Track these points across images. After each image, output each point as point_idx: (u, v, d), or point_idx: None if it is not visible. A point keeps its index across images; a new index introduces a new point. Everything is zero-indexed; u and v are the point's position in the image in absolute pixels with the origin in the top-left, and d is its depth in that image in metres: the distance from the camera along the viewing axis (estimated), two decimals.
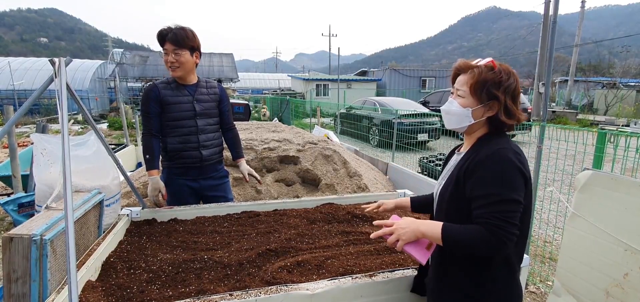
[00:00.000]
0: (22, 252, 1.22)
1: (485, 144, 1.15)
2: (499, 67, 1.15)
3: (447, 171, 1.29)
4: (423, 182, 3.49)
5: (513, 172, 1.06)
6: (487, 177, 1.07)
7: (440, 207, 1.24)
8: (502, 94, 1.12)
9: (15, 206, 2.98)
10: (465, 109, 1.17)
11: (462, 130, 1.23)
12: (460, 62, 1.22)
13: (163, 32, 2.08)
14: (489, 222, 1.04)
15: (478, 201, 1.09)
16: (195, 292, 1.34)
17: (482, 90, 1.14)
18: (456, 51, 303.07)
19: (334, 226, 2.00)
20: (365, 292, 1.33)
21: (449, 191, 1.19)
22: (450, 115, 1.22)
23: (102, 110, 20.84)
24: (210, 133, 2.30)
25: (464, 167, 1.15)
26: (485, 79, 1.13)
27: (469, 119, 1.17)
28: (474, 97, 1.16)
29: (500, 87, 1.13)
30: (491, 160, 1.08)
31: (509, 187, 1.05)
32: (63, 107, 1.30)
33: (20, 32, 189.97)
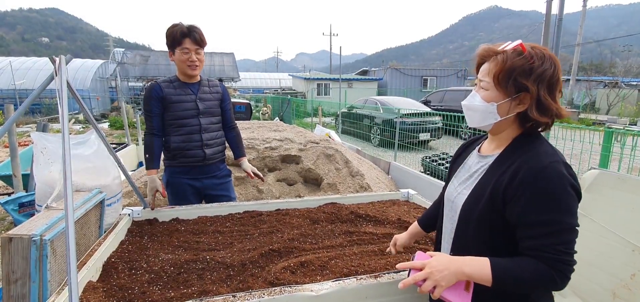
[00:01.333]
0: (21, 252, 1.20)
1: (525, 150, 0.96)
2: (530, 50, 0.94)
3: (469, 177, 1.10)
4: (426, 182, 3.47)
5: (570, 192, 0.89)
6: (542, 200, 0.89)
7: (465, 224, 1.05)
8: (533, 84, 0.92)
9: (16, 205, 2.96)
10: (490, 104, 0.99)
11: (487, 128, 1.05)
12: (483, 48, 1.03)
13: (184, 30, 2.06)
14: (552, 257, 0.88)
15: (533, 230, 0.90)
16: (197, 293, 1.32)
17: (508, 81, 0.94)
18: (457, 50, 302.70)
19: (337, 225, 1.98)
20: (370, 293, 1.31)
21: (480, 208, 0.99)
22: (472, 111, 1.04)
23: (104, 110, 20.85)
24: (213, 132, 2.29)
25: (503, 182, 0.95)
26: (513, 67, 0.93)
27: (494, 116, 0.99)
28: (500, 89, 0.97)
29: (531, 75, 0.92)
30: (543, 177, 0.89)
31: (569, 211, 0.88)
32: (63, 106, 1.28)
33: (21, 32, 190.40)
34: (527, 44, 0.97)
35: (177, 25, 2.09)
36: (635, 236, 1.64)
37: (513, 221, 0.94)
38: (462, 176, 1.14)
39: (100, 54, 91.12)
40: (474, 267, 0.93)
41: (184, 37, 2.06)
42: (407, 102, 10.61)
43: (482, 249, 1.00)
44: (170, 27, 2.09)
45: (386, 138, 8.54)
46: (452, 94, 12.70)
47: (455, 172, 1.19)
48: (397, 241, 1.52)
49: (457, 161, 1.23)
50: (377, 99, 11.22)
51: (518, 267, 0.91)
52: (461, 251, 1.06)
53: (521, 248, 0.94)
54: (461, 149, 1.25)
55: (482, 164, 1.07)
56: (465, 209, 1.05)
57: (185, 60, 2.09)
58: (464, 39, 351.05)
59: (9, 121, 1.61)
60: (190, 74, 2.15)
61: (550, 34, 11.37)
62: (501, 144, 1.04)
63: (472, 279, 0.94)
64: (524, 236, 0.92)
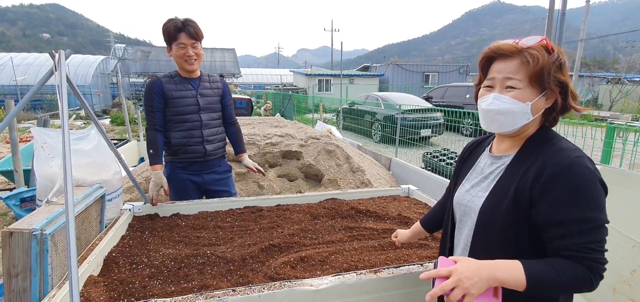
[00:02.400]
0: (22, 247, 1.21)
1: (545, 148, 0.94)
2: (553, 45, 0.95)
3: (484, 179, 1.06)
4: (427, 178, 3.47)
5: (598, 187, 0.87)
6: (572, 197, 0.85)
7: (486, 227, 1.00)
8: (566, 78, 0.94)
9: (18, 200, 2.97)
10: (525, 104, 0.94)
11: (513, 132, 0.99)
12: (498, 46, 0.99)
13: (178, 25, 2.04)
14: (587, 256, 0.85)
15: (564, 228, 0.87)
16: (198, 288, 1.32)
17: (542, 78, 0.92)
18: (459, 46, 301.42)
19: (337, 221, 1.98)
20: (370, 288, 1.31)
21: (503, 210, 0.95)
22: (502, 114, 0.96)
23: (105, 106, 20.88)
24: (214, 128, 2.29)
25: (527, 181, 0.92)
26: (549, 64, 0.92)
27: (527, 116, 0.95)
28: (535, 86, 0.94)
29: (562, 70, 0.93)
30: (571, 174, 0.86)
31: (599, 207, 0.86)
32: (63, 100, 1.28)
33: (22, 28, 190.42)
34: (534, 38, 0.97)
35: (172, 20, 2.06)
36: (635, 232, 1.64)
37: (540, 220, 0.90)
38: (475, 179, 1.09)
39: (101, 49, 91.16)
40: (507, 273, 0.86)
41: (179, 32, 2.04)
42: (408, 98, 10.59)
43: (507, 252, 0.95)
44: (165, 23, 2.07)
45: (387, 134, 8.53)
46: (453, 90, 12.67)
47: (465, 175, 1.14)
48: (398, 235, 1.52)
49: (466, 163, 1.18)
50: (378, 95, 11.19)
51: (553, 269, 0.86)
52: (483, 257, 0.96)
53: (551, 249, 0.89)
54: (468, 152, 1.21)
55: (497, 165, 1.04)
56: (485, 212, 1.00)
57: (182, 55, 2.08)
58: (466, 34, 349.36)
59: (9, 116, 1.61)
60: (189, 69, 2.14)
61: (553, 29, 11.30)
62: (515, 143, 1.01)
63: (505, 285, 0.87)
64: (554, 236, 0.88)
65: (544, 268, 0.86)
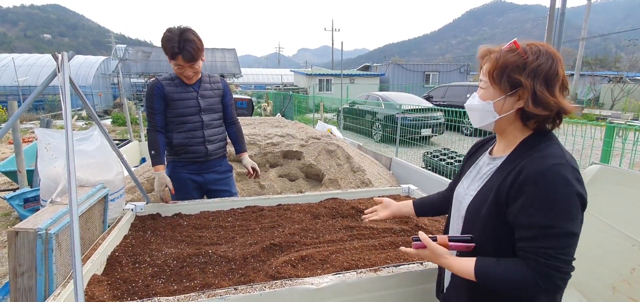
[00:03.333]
0: (27, 246, 1.22)
1: (531, 152, 0.95)
2: (524, 46, 0.95)
3: (479, 178, 1.09)
4: (427, 178, 3.48)
5: (570, 196, 0.86)
6: (538, 203, 0.87)
7: (470, 225, 1.06)
8: (528, 79, 0.92)
9: (21, 201, 3.00)
10: (487, 102, 0.99)
11: (488, 128, 1.04)
12: (480, 49, 1.04)
13: (174, 49, 1.97)
14: (539, 261, 0.87)
15: (524, 232, 0.90)
16: (200, 287, 1.34)
17: (502, 77, 0.95)
18: (460, 45, 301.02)
19: (338, 220, 2.00)
20: (370, 287, 1.32)
21: (485, 210, 0.99)
22: (472, 110, 1.05)
23: (106, 107, 20.93)
24: (215, 128, 2.30)
25: (507, 183, 0.94)
26: (505, 63, 0.94)
27: (492, 115, 0.99)
28: (495, 86, 0.98)
29: (524, 70, 0.92)
30: (544, 180, 0.87)
31: (566, 216, 0.86)
32: (66, 102, 1.30)
33: (23, 29, 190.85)
34: (523, 41, 0.97)
35: (169, 39, 1.97)
36: (635, 230, 1.65)
37: (510, 221, 0.94)
38: (472, 177, 1.13)
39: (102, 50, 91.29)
40: (460, 268, 1.00)
41: (176, 55, 1.99)
42: (409, 98, 10.59)
43: (488, 250, 1.00)
44: (163, 39, 1.99)
45: (388, 134, 8.54)
46: (454, 89, 12.67)
47: (466, 172, 1.18)
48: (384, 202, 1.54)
49: (469, 160, 1.22)
50: (379, 94, 11.20)
51: (502, 268, 0.92)
52: (465, 253, 1.06)
53: (517, 249, 0.93)
54: (474, 149, 1.24)
55: (491, 166, 1.07)
56: (470, 211, 1.05)
57: (180, 74, 2.10)
58: (467, 34, 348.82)
59: (13, 117, 1.63)
60: (187, 83, 2.17)
61: (554, 28, 11.29)
62: (510, 146, 1.03)
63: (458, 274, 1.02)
64: (518, 237, 0.92)
65: (494, 268, 0.94)
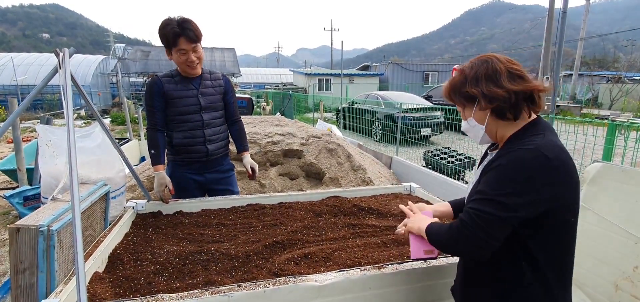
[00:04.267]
0: (29, 243, 1.21)
1: (513, 142, 1.02)
2: (463, 66, 1.10)
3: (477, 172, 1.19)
4: (428, 176, 3.48)
5: (516, 173, 0.92)
6: (489, 178, 0.98)
7: None
8: (471, 87, 1.04)
9: (21, 198, 2.98)
10: (469, 121, 1.11)
11: (487, 142, 1.15)
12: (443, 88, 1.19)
13: (176, 30, 1.95)
14: (462, 219, 0.99)
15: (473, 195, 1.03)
16: (202, 284, 1.33)
17: (456, 96, 1.11)
18: (459, 45, 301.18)
19: (340, 218, 1.99)
20: (374, 284, 1.32)
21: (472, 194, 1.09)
22: (467, 132, 1.17)
23: (105, 106, 20.89)
24: (216, 127, 2.27)
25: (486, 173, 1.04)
26: (454, 85, 1.10)
27: (478, 128, 1.09)
28: (461, 105, 1.12)
29: (466, 84, 1.06)
30: (507, 160, 0.96)
31: (503, 188, 0.93)
32: (68, 98, 1.29)
33: (22, 28, 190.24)
34: (461, 65, 1.12)
35: (169, 23, 1.97)
36: (637, 228, 1.65)
37: None
38: (476, 175, 1.18)
39: (101, 49, 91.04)
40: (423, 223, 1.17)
41: (178, 37, 1.96)
42: (408, 97, 10.59)
43: None
44: (162, 27, 1.98)
45: (388, 133, 8.53)
46: None
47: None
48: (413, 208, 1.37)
49: (481, 162, 1.26)
50: (378, 94, 11.20)
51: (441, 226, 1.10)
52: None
53: None
54: (486, 149, 1.29)
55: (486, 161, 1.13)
56: (468, 199, 1.11)
57: (184, 61, 2.03)
58: (466, 34, 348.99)
59: (14, 114, 1.62)
60: (191, 73, 2.13)
61: (553, 28, 11.30)
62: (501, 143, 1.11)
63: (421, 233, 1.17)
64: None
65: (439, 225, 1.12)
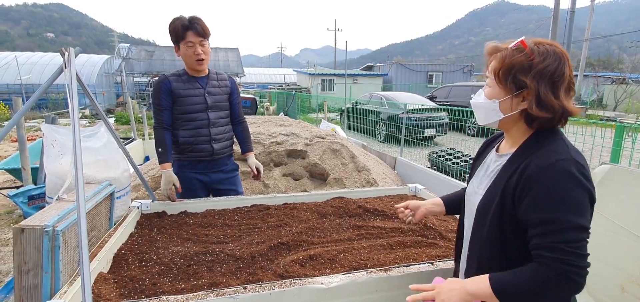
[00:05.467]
0: (33, 243, 1.21)
1: (536, 149, 0.94)
2: (532, 46, 0.94)
3: (486, 176, 1.08)
4: (433, 177, 3.45)
5: (577, 190, 0.86)
6: (546, 199, 0.87)
7: (479, 225, 1.05)
8: (533, 81, 0.91)
9: (25, 198, 2.99)
10: (492, 101, 0.99)
11: (493, 125, 1.04)
12: (487, 46, 1.03)
13: (185, 23, 2.03)
14: (551, 256, 0.84)
15: (535, 229, 0.88)
16: (207, 285, 1.32)
17: (508, 77, 0.95)
18: (463, 46, 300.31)
19: (345, 220, 1.98)
20: (381, 286, 1.30)
21: (493, 209, 0.98)
22: (477, 108, 1.06)
23: (109, 105, 20.98)
24: (222, 126, 2.28)
25: (512, 182, 0.94)
26: (512, 63, 0.93)
27: (497, 113, 0.99)
28: (501, 85, 0.97)
29: (529, 72, 0.92)
30: (548, 176, 0.87)
31: (574, 210, 0.85)
32: (73, 98, 1.28)
33: (26, 27, 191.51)
34: (531, 40, 0.96)
35: (178, 18, 2.05)
36: None
37: (522, 220, 0.92)
38: (481, 175, 1.12)
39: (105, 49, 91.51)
40: (476, 286, 0.94)
41: (186, 31, 2.03)
42: (412, 98, 10.56)
43: (494, 251, 1.00)
44: (172, 22, 2.07)
45: (391, 133, 8.51)
46: (458, 89, 12.63)
47: (476, 170, 1.18)
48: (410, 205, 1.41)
49: (479, 159, 1.21)
50: (382, 94, 11.17)
51: (517, 276, 0.89)
52: (475, 252, 1.07)
53: (530, 250, 0.91)
54: (483, 147, 1.23)
55: (498, 163, 1.06)
56: (480, 210, 1.05)
57: (191, 54, 2.07)
58: (470, 34, 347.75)
59: (18, 114, 1.61)
60: (198, 68, 2.14)
61: (558, 29, 11.23)
62: (515, 143, 1.02)
63: (477, 298, 0.93)
64: (529, 236, 0.91)
65: (509, 277, 0.90)
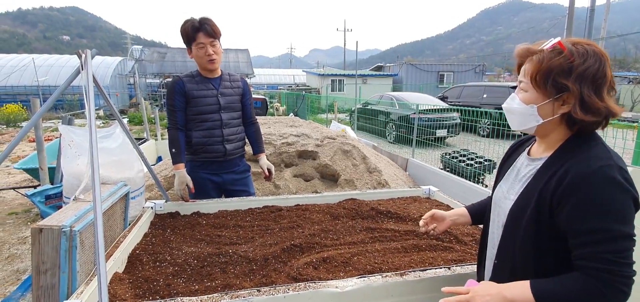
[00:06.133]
0: (51, 243, 1.22)
1: (575, 153, 0.90)
2: (570, 47, 0.89)
3: (518, 180, 1.04)
4: (446, 179, 3.41)
5: (622, 197, 0.83)
6: (590, 207, 0.83)
7: (511, 232, 1.00)
8: (575, 84, 0.87)
9: (43, 197, 3.05)
10: (529, 106, 0.94)
11: (530, 131, 0.99)
12: (519, 48, 0.98)
13: (195, 24, 2.04)
14: (599, 266, 0.82)
15: (579, 238, 0.85)
16: (221, 287, 1.32)
17: (547, 81, 0.90)
18: (475, 45, 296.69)
19: (358, 221, 1.96)
20: (396, 291, 1.28)
21: (527, 215, 0.94)
22: (512, 114, 1.00)
23: (122, 106, 21.34)
24: (234, 127, 2.28)
25: (550, 188, 0.90)
26: (550, 67, 0.89)
27: (535, 118, 0.94)
28: (539, 90, 0.92)
29: (570, 75, 0.87)
30: (591, 183, 0.84)
31: (620, 218, 0.82)
32: (90, 99, 1.29)
33: (43, 30, 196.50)
34: (567, 40, 0.91)
35: (189, 20, 2.07)
36: None
37: (562, 228, 0.89)
38: (510, 180, 1.08)
39: (119, 51, 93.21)
40: (515, 292, 0.90)
41: (197, 32, 2.04)
42: (423, 98, 10.46)
43: (527, 260, 0.96)
44: (183, 25, 2.08)
45: (402, 134, 8.44)
46: (470, 89, 12.46)
47: (504, 174, 1.13)
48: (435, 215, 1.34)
49: (507, 162, 1.16)
50: (392, 94, 11.09)
51: (562, 285, 0.86)
52: (507, 260, 1.03)
53: (573, 258, 0.88)
54: (511, 150, 1.19)
55: (530, 168, 1.01)
56: (512, 216, 1.00)
57: (203, 55, 2.09)
58: (482, 33, 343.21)
59: (37, 114, 1.64)
60: (210, 67, 2.15)
61: (574, 28, 10.98)
62: (551, 147, 0.98)
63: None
64: (573, 245, 0.87)
65: (553, 286, 0.87)
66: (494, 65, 76.07)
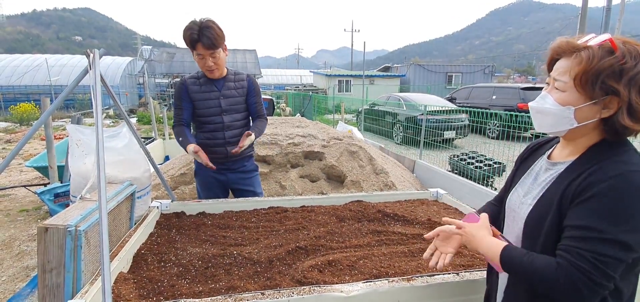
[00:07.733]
0: (57, 242, 1.22)
1: (604, 158, 0.84)
2: (621, 47, 0.81)
3: (536, 185, 0.98)
4: (454, 181, 3.36)
5: (633, 203, 0.76)
6: (596, 205, 0.78)
7: (531, 239, 0.94)
8: (625, 88, 0.79)
9: (52, 195, 3.08)
10: (565, 108, 0.86)
11: (560, 134, 0.92)
12: (560, 42, 0.89)
13: (193, 36, 1.96)
14: (569, 259, 0.78)
15: (571, 232, 0.81)
16: (225, 289, 1.31)
17: (594, 83, 0.81)
18: (484, 46, 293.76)
19: (364, 224, 1.93)
20: (403, 296, 1.25)
21: (548, 222, 0.88)
22: (542, 115, 0.92)
23: (132, 106, 21.60)
24: (237, 129, 2.25)
25: (571, 192, 0.84)
26: (600, 68, 0.80)
27: (569, 122, 0.86)
28: (581, 91, 0.84)
29: (622, 78, 0.79)
30: (612, 184, 0.78)
31: (624, 225, 0.76)
32: (97, 98, 1.29)
33: (56, 31, 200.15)
34: (618, 39, 0.83)
35: (190, 27, 1.97)
36: None
37: (564, 222, 0.84)
38: (527, 184, 1.02)
39: (129, 51, 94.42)
40: (489, 248, 0.96)
41: (196, 43, 1.97)
42: (431, 99, 10.36)
43: None
44: (184, 31, 2.00)
45: (409, 135, 8.37)
46: (479, 90, 12.32)
47: (520, 178, 1.07)
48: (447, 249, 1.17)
49: (522, 165, 1.10)
50: (400, 95, 11.01)
51: (529, 260, 0.85)
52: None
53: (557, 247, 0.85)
54: (527, 153, 1.12)
55: (551, 172, 0.95)
56: (530, 223, 0.94)
57: (202, 66, 2.07)
58: (491, 34, 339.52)
59: (46, 113, 1.65)
60: (210, 77, 2.15)
61: (587, 29, 10.79)
62: (576, 151, 0.91)
63: (486, 258, 1.00)
64: (562, 237, 0.84)
65: (520, 254, 0.88)
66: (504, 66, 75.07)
